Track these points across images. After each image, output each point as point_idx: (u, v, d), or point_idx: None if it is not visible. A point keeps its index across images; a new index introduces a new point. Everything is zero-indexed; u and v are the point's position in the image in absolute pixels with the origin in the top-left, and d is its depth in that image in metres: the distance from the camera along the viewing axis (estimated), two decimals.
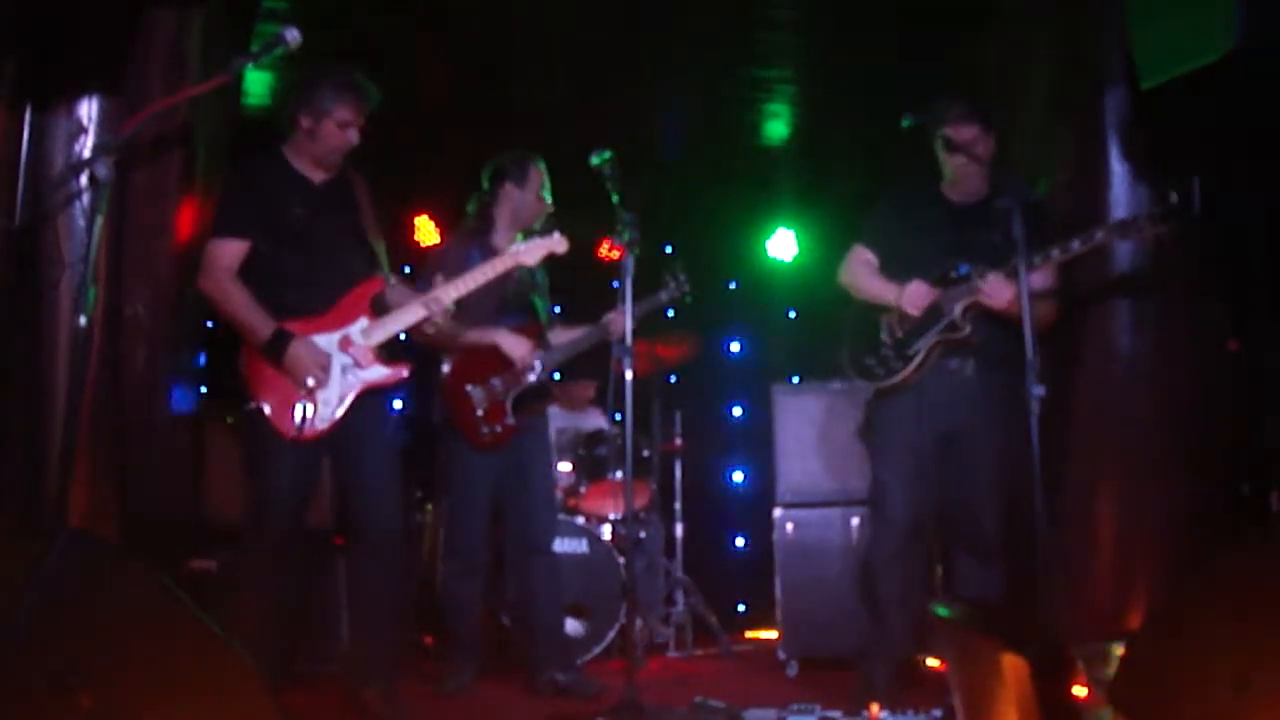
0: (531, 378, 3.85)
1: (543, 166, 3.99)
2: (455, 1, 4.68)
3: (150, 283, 3.25)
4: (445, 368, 3.90)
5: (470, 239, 3.95)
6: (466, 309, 3.61)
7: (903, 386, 3.43)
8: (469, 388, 3.83)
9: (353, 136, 3.24)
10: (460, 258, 3.76)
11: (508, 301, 3.89)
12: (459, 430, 3.84)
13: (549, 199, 3.97)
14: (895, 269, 3.52)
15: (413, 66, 5.12)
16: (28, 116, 3.07)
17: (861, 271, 3.60)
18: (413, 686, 3.72)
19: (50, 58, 3.10)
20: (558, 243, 3.59)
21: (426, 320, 3.31)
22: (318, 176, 3.29)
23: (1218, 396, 3.36)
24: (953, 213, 3.52)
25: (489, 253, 3.73)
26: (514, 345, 3.83)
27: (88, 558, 2.01)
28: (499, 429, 3.83)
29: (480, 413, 3.82)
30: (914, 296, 3.40)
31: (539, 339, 3.94)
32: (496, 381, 3.83)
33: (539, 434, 4.04)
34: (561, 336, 4.05)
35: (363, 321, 3.25)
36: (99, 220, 2.46)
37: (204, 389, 3.96)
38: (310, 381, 3.11)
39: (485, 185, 4.00)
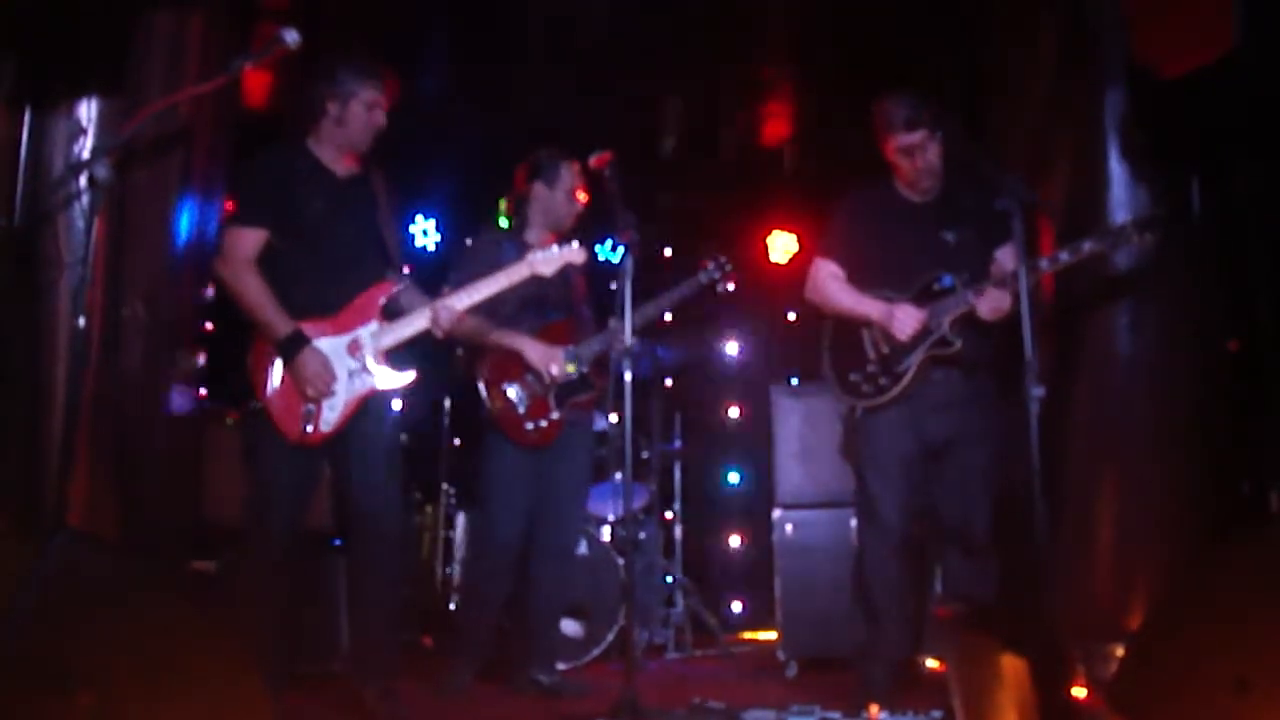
0: (568, 372, 3.76)
1: (577, 168, 3.92)
2: (456, 1, 4.69)
3: (150, 283, 3.24)
4: (482, 366, 3.77)
5: (505, 237, 3.91)
6: (497, 306, 3.57)
7: (893, 401, 3.42)
8: (506, 386, 3.75)
9: (380, 118, 3.23)
10: (494, 255, 3.71)
11: (542, 301, 3.79)
12: (502, 429, 3.75)
13: (581, 200, 3.91)
14: (863, 277, 3.50)
15: (413, 65, 5.12)
16: (27, 117, 3.08)
17: (833, 287, 3.54)
18: (413, 686, 3.72)
19: (50, 58, 3.10)
20: (576, 253, 3.51)
21: (435, 328, 3.27)
22: (341, 169, 3.27)
23: (1218, 396, 3.36)
24: (912, 212, 3.50)
25: (523, 250, 3.64)
26: (539, 356, 3.72)
27: (87, 558, 2.02)
28: (544, 424, 3.76)
29: (522, 410, 3.75)
30: (905, 323, 3.34)
31: (571, 336, 3.84)
32: (532, 378, 3.76)
33: (583, 433, 3.96)
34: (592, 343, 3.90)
35: (373, 325, 3.22)
36: (97, 221, 2.46)
37: (204, 389, 3.95)
38: (310, 392, 3.09)
39: (519, 183, 3.95)
